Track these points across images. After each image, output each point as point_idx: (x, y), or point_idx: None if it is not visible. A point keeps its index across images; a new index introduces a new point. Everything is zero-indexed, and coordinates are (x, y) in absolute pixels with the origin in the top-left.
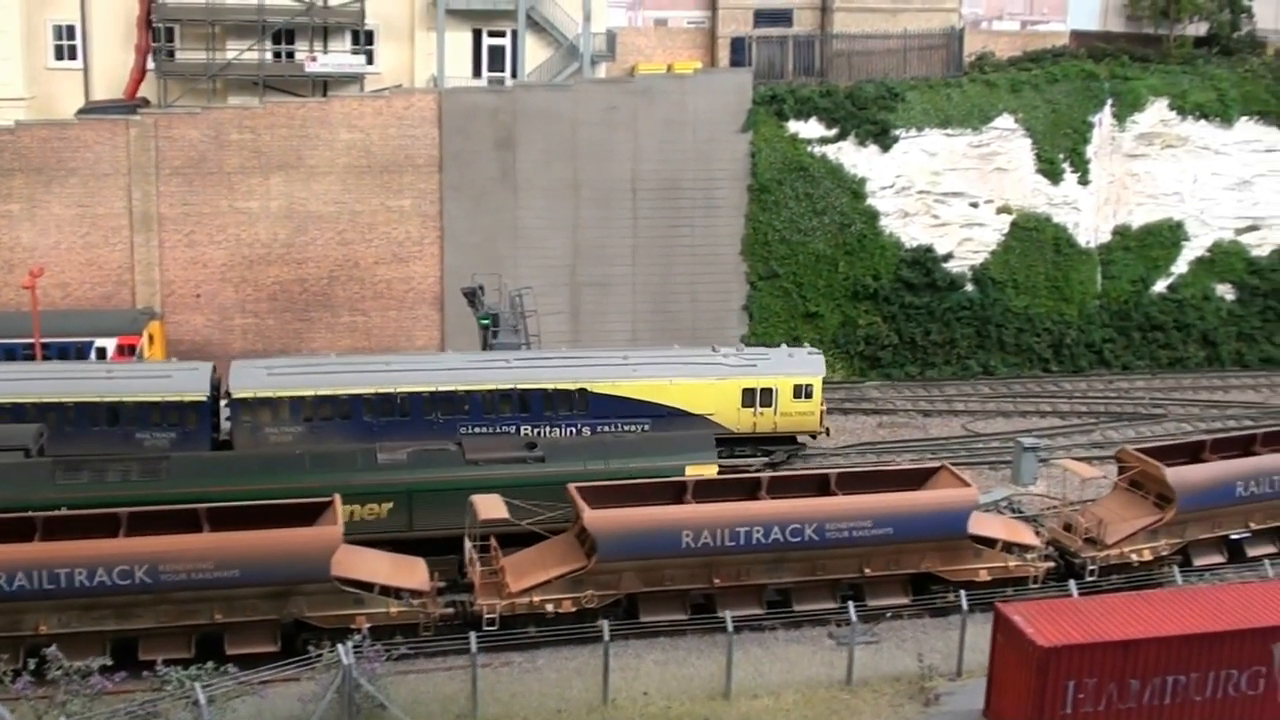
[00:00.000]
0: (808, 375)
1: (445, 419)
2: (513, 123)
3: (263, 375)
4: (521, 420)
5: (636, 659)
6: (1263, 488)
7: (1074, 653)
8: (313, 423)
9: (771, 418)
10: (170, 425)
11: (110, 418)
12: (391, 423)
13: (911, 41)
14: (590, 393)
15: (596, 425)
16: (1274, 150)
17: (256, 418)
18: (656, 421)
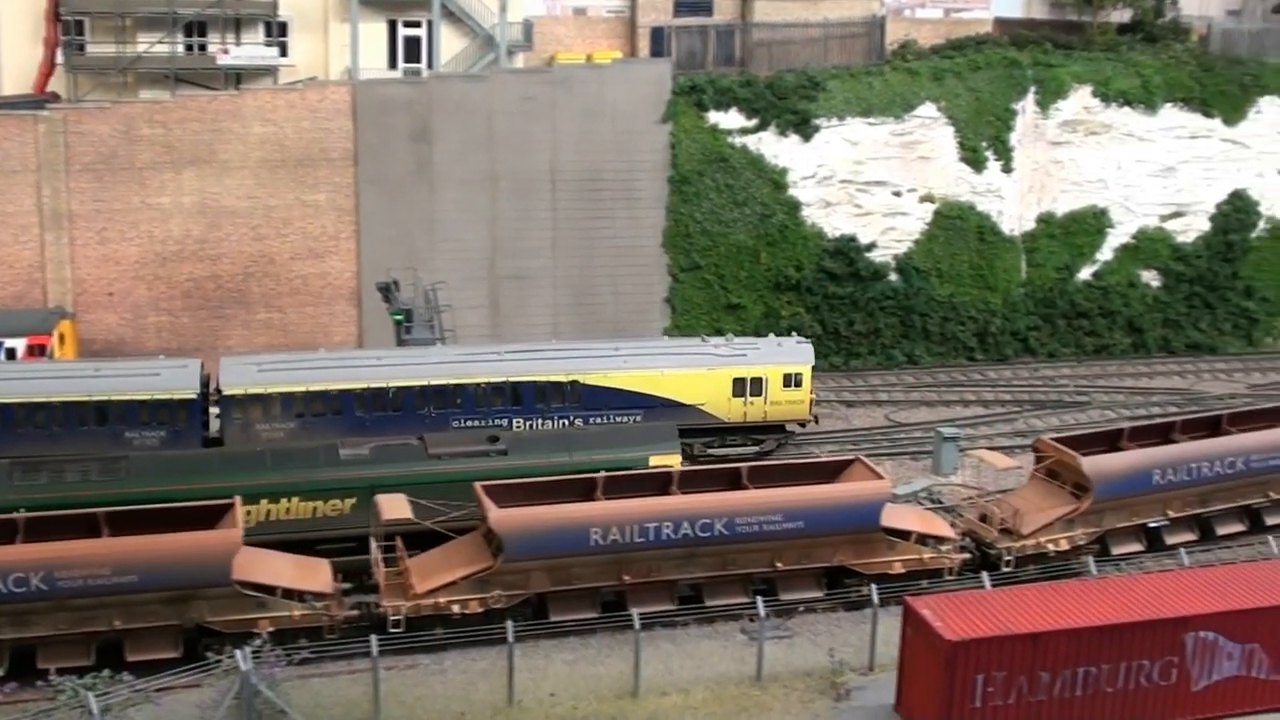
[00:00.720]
0: (797, 364)
1: (438, 413)
2: (428, 114)
3: (253, 371)
4: (514, 413)
5: (546, 659)
6: (1180, 476)
7: (982, 646)
8: (304, 419)
9: (762, 407)
10: (160, 424)
11: (99, 417)
12: (384, 417)
13: (833, 30)
14: (582, 384)
15: (589, 417)
16: (1198, 137)
17: (247, 414)
18: (648, 412)
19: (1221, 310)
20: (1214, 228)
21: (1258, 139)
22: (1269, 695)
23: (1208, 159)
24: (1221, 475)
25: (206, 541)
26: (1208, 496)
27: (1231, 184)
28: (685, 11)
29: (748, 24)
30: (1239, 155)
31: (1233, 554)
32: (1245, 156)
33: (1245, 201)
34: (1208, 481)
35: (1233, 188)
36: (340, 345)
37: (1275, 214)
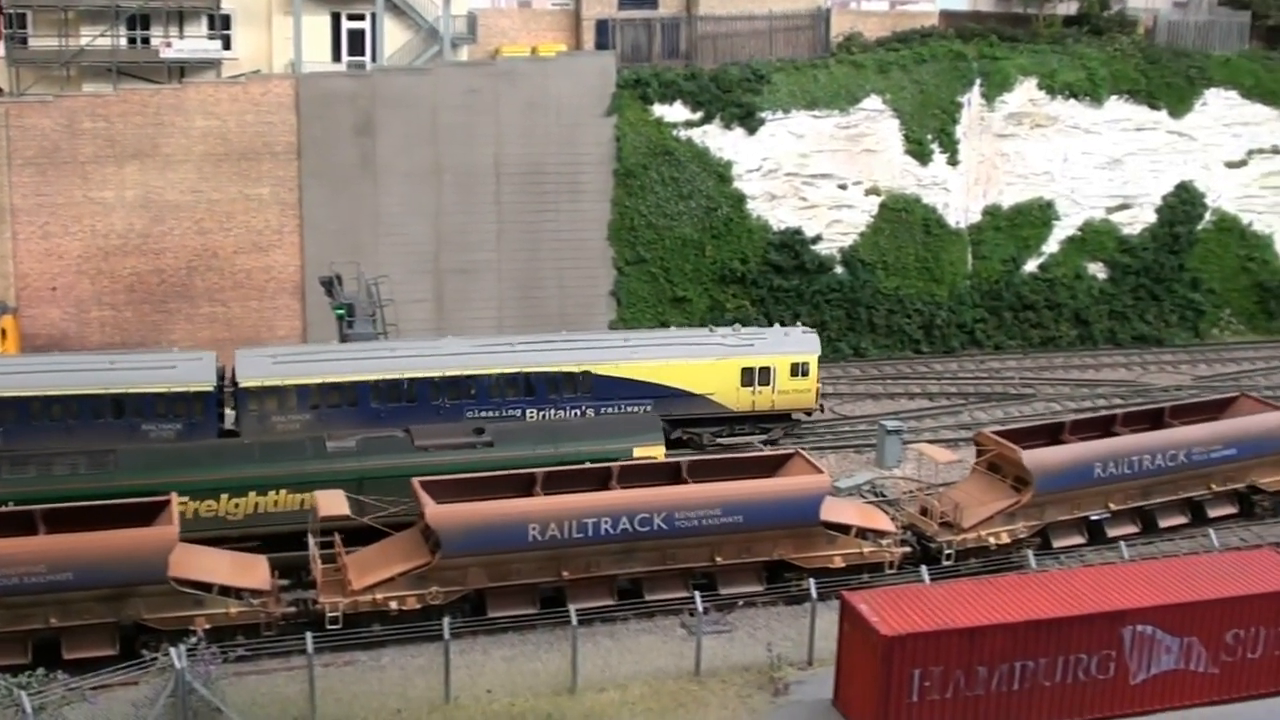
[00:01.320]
0: (804, 354)
1: (452, 403)
2: (372, 108)
3: (268, 364)
4: (527, 403)
5: (484, 655)
6: (1121, 469)
7: (918, 641)
8: (320, 410)
9: (770, 396)
10: (176, 416)
11: (115, 410)
12: (399, 408)
13: (778, 23)
14: (594, 375)
15: (600, 406)
16: (1144, 129)
17: (263, 407)
18: (658, 402)
19: (1168, 302)
20: (1160, 220)
21: (1203, 131)
22: (1207, 688)
23: (1154, 151)
24: (1163, 468)
25: (142, 539)
26: (1149, 489)
27: (1178, 176)
28: (630, 4)
29: (693, 17)
30: (1185, 147)
31: (1175, 546)
32: (1191, 148)
33: (1191, 193)
34: (1149, 474)
35: (1179, 180)
36: (284, 340)
37: (1221, 206)
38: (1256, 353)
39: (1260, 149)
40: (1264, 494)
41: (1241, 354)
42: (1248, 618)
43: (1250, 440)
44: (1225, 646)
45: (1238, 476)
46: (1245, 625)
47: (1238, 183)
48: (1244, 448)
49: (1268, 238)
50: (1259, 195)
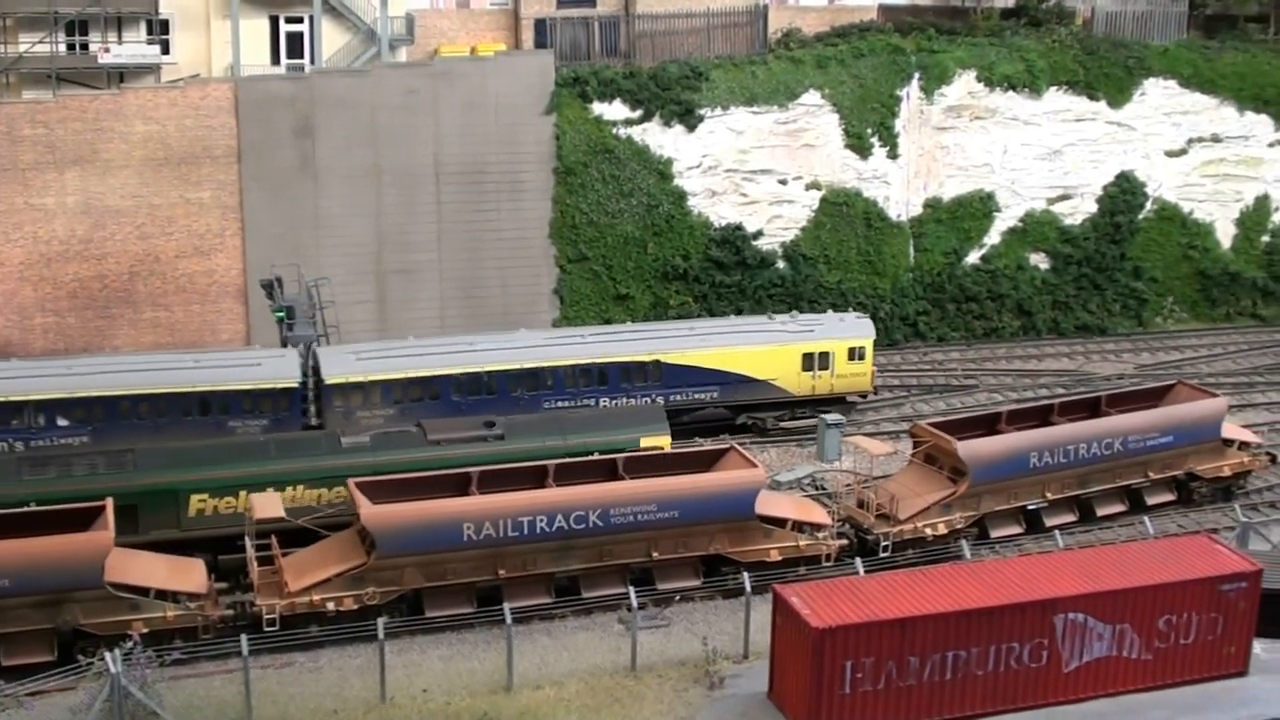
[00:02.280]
0: (860, 338)
1: (529, 395)
2: (311, 110)
3: (352, 360)
4: (600, 393)
5: (421, 655)
6: (1057, 458)
7: (850, 632)
8: (403, 404)
9: (829, 380)
10: (261, 413)
11: (202, 408)
12: (478, 401)
13: (716, 20)
14: (664, 363)
15: (670, 394)
16: (1084, 120)
17: (349, 402)
18: (724, 388)
19: (1110, 291)
20: (1101, 210)
21: (1143, 121)
22: (1141, 674)
23: (1094, 141)
24: (1100, 456)
25: (77, 544)
26: (1086, 478)
27: (1118, 166)
28: (568, 3)
29: (631, 15)
30: (1125, 137)
31: (1114, 534)
32: (1131, 138)
33: (1132, 183)
34: (1086, 463)
35: (1119, 169)
36: (227, 344)
37: (1162, 195)
38: (1199, 340)
39: (1200, 138)
40: (1202, 481)
41: (1184, 342)
42: (1180, 604)
43: (1187, 428)
44: (1158, 633)
45: (1175, 464)
46: (1178, 611)
47: (1178, 172)
48: (1180, 435)
49: (1209, 226)
50: (1199, 184)
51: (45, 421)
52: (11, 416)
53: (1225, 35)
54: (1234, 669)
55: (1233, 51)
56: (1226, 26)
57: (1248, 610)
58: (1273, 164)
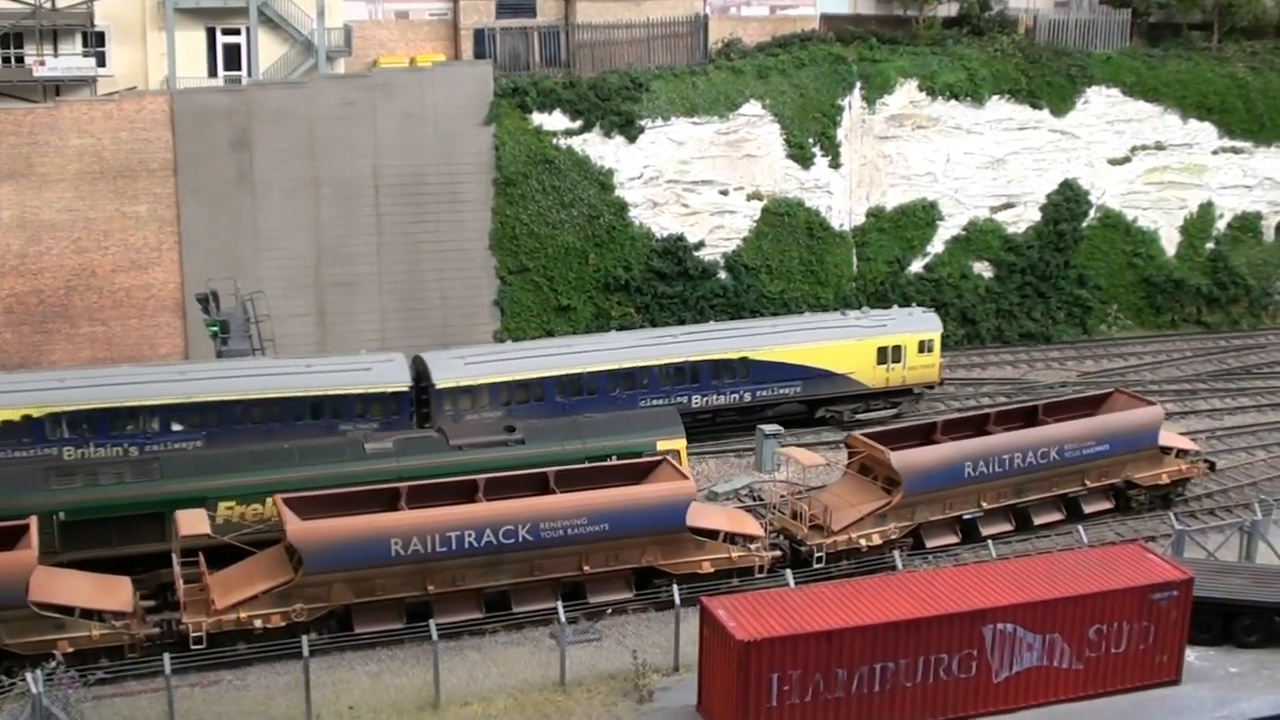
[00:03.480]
0: (929, 331)
1: (627, 394)
2: (248, 122)
3: (461, 365)
4: (692, 390)
5: (350, 671)
6: (992, 467)
7: (775, 645)
8: (510, 406)
9: (901, 372)
10: (372, 416)
11: (314, 411)
12: (580, 401)
13: (656, 30)
14: (751, 360)
15: (756, 390)
16: (1027, 128)
17: (458, 406)
18: (806, 383)
19: (1055, 299)
20: (1045, 218)
21: (1086, 129)
22: (1072, 684)
23: (1037, 150)
24: (1035, 465)
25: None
26: (1023, 487)
27: (1061, 174)
28: (508, 13)
29: (571, 25)
30: (1068, 145)
31: (1050, 543)
32: (1074, 146)
33: (1075, 191)
34: (1022, 472)
35: (1063, 178)
36: (166, 358)
37: (1106, 203)
38: (1144, 347)
39: (1143, 145)
40: (1140, 489)
41: (1129, 349)
42: (1111, 613)
43: (1123, 436)
44: (1089, 642)
45: (1112, 472)
46: (1108, 620)
47: (1121, 179)
48: (1117, 443)
49: (1153, 233)
50: (1143, 191)
51: (160, 426)
52: (126, 422)
53: (1168, 43)
54: (1167, 678)
55: (1176, 59)
56: (1170, 34)
57: (1180, 619)
58: (1216, 171)
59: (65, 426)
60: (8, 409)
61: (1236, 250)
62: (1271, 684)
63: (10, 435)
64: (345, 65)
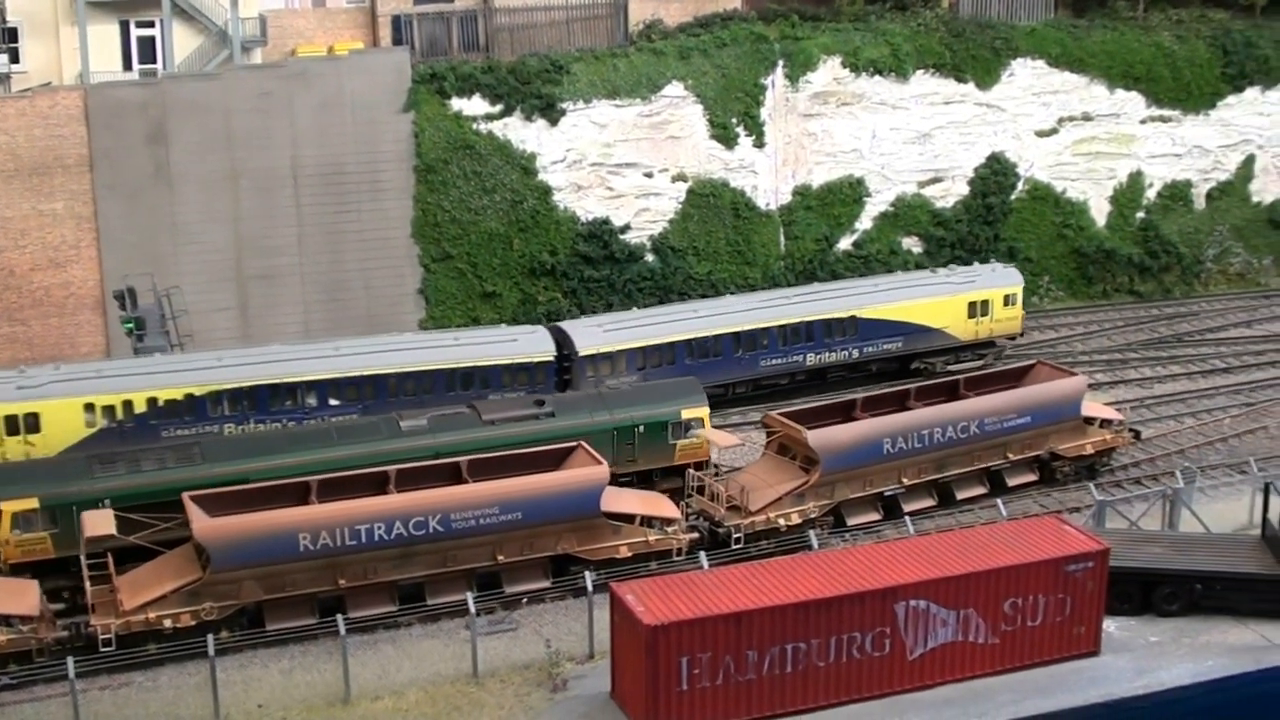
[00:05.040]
0: (1012, 286)
1: (748, 355)
2: (163, 116)
3: (600, 332)
4: (807, 348)
5: (263, 669)
6: (911, 443)
7: (683, 628)
8: (645, 370)
9: (988, 325)
10: (519, 385)
11: (464, 382)
12: (707, 363)
13: (575, 12)
14: (859, 318)
15: (864, 346)
16: (952, 102)
17: (599, 371)
18: (906, 338)
19: None
20: (973, 191)
21: (1012, 101)
22: (989, 659)
23: (963, 124)
24: (956, 440)
25: None
26: (944, 462)
27: (988, 147)
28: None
29: (490, 8)
30: (994, 118)
31: (974, 517)
32: (1001, 119)
33: (1003, 164)
34: (942, 447)
35: (990, 151)
36: (87, 356)
37: (1034, 175)
38: (1075, 318)
39: (1071, 116)
40: (1064, 460)
41: (1061, 320)
42: (1025, 586)
43: (1045, 407)
44: (1004, 616)
45: (1035, 444)
46: (1023, 594)
47: (1049, 151)
48: (1039, 415)
49: (1083, 204)
50: (1072, 162)
51: (317, 402)
52: (285, 398)
53: (1094, 14)
54: (1085, 649)
55: (1101, 30)
56: (1095, 5)
57: (1096, 590)
58: (1145, 141)
59: (226, 404)
60: (171, 388)
61: (1167, 219)
62: (1191, 652)
63: (173, 413)
64: (262, 55)
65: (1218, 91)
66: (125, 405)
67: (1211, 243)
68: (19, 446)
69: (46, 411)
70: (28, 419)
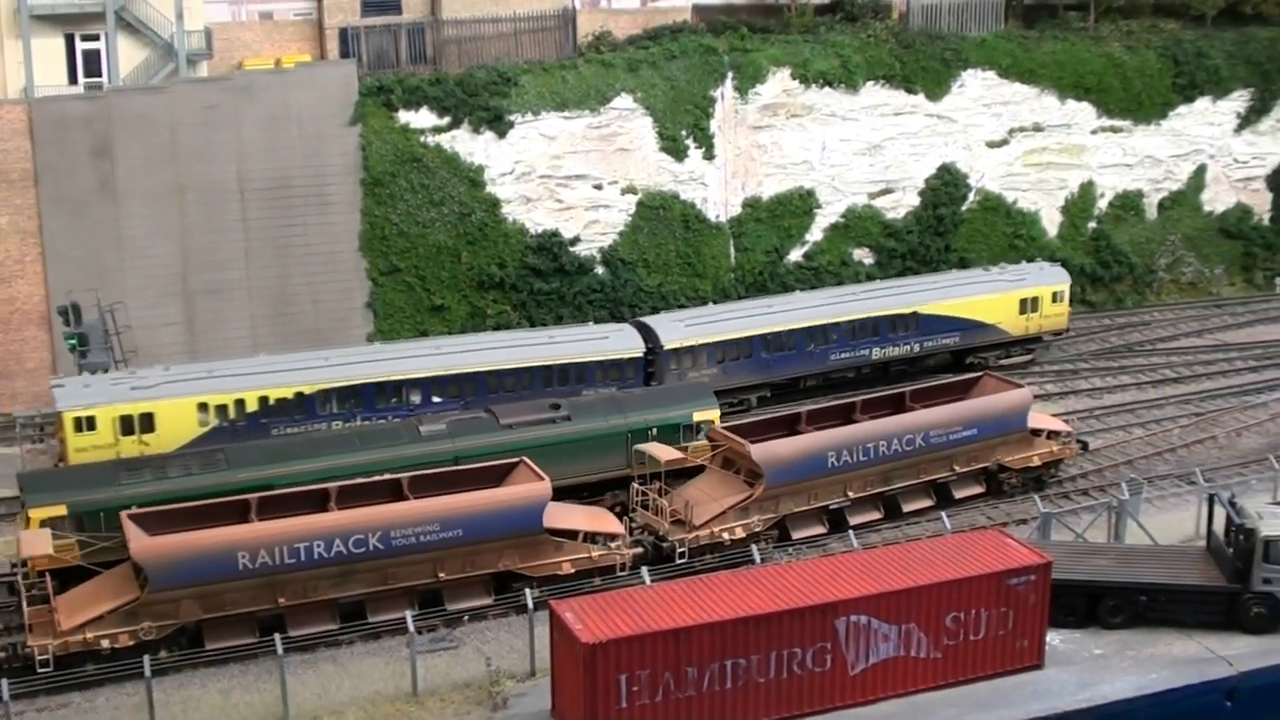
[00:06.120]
0: (1059, 284)
1: (820, 349)
2: (109, 130)
3: (682, 327)
4: (872, 342)
5: (201, 689)
6: (856, 456)
7: (621, 646)
8: (723, 364)
9: (1038, 320)
10: (610, 380)
11: (561, 378)
12: (781, 356)
13: (524, 24)
14: (920, 314)
15: (924, 340)
16: (902, 113)
17: (682, 364)
18: (963, 333)
19: None
20: (924, 202)
21: (962, 112)
22: (931, 673)
23: (914, 135)
24: (901, 452)
25: None
26: (889, 474)
27: (939, 158)
28: (373, 11)
29: (438, 21)
30: (945, 130)
31: (920, 529)
32: (951, 130)
33: (954, 175)
34: (888, 460)
35: (940, 162)
36: (33, 373)
37: (985, 185)
38: None
39: (1021, 127)
40: (1011, 472)
41: None
42: (967, 600)
43: (991, 420)
44: (946, 630)
45: (982, 456)
46: (965, 608)
47: (1000, 162)
48: (985, 427)
49: (1034, 215)
50: (1022, 173)
51: (421, 399)
52: (391, 395)
53: (1044, 24)
54: (1029, 662)
55: (1052, 40)
56: (1045, 15)
57: (1039, 603)
58: (1096, 151)
59: (335, 401)
60: (283, 387)
61: (1119, 229)
62: (1135, 665)
63: (284, 411)
64: (208, 68)
65: (1169, 102)
66: (238, 404)
67: (1163, 252)
68: (134, 446)
69: (161, 411)
70: (143, 419)
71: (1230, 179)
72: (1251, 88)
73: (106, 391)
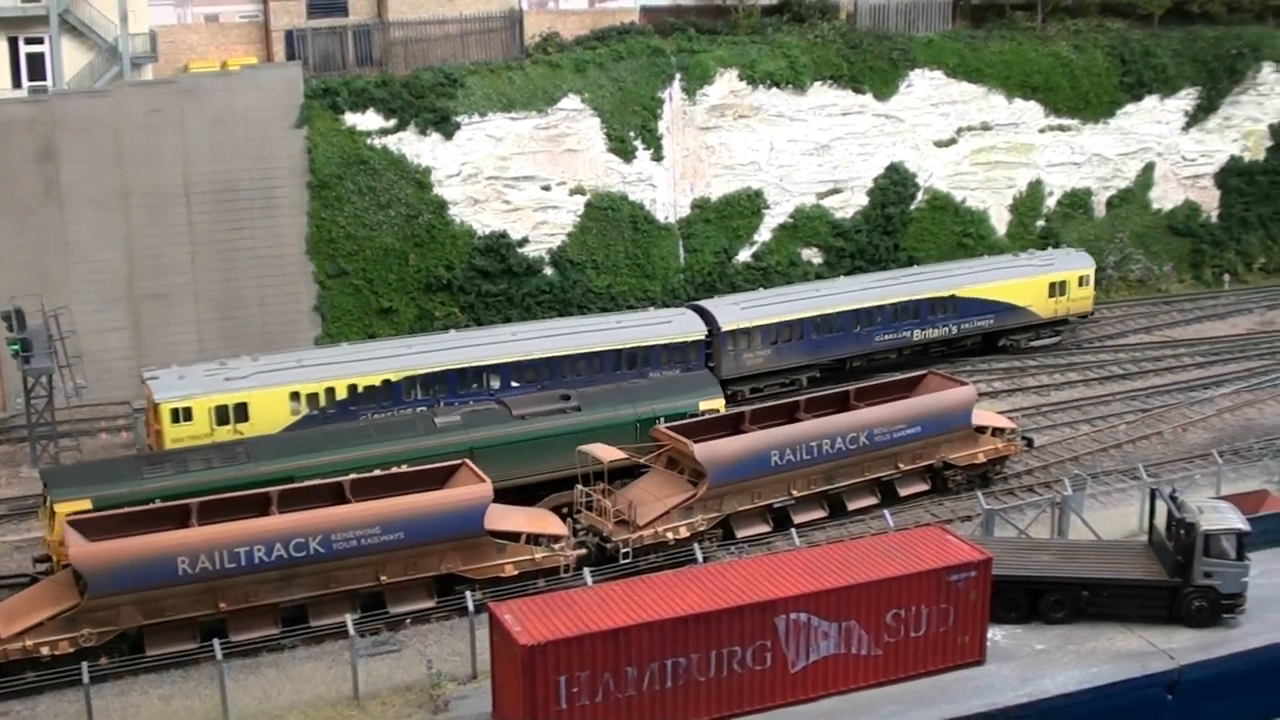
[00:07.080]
0: (1085, 268)
1: (865, 330)
2: (52, 134)
3: (737, 310)
4: (915, 325)
5: (142, 695)
6: (800, 455)
7: (560, 647)
8: (776, 345)
9: (1066, 303)
10: (675, 362)
11: (629, 361)
12: (830, 338)
13: (470, 26)
14: (958, 298)
15: (961, 323)
16: (851, 113)
17: (738, 346)
18: (996, 316)
19: None
20: (872, 202)
21: (910, 112)
22: (872, 670)
23: (861, 135)
24: (845, 451)
25: None
26: (833, 473)
27: (887, 158)
28: (319, 13)
29: (384, 23)
30: (893, 129)
31: (865, 527)
32: (899, 130)
33: (902, 174)
34: (830, 458)
35: (889, 161)
36: None
37: (934, 185)
38: None
39: (969, 126)
40: (956, 469)
41: None
42: (907, 597)
43: (935, 417)
44: (887, 627)
45: (926, 454)
46: (905, 605)
47: (948, 161)
48: (929, 425)
49: (982, 213)
50: (970, 172)
51: (500, 384)
52: (472, 381)
53: (992, 24)
54: (970, 658)
55: (999, 40)
56: (993, 15)
57: (979, 599)
58: (1044, 150)
59: (419, 388)
60: (371, 375)
61: (1068, 227)
62: (1076, 659)
63: (371, 398)
64: (153, 71)
65: (1116, 100)
66: (328, 392)
67: (1112, 250)
68: (229, 435)
69: (255, 401)
70: (237, 409)
71: (1178, 177)
72: (1199, 86)
73: (201, 383)
